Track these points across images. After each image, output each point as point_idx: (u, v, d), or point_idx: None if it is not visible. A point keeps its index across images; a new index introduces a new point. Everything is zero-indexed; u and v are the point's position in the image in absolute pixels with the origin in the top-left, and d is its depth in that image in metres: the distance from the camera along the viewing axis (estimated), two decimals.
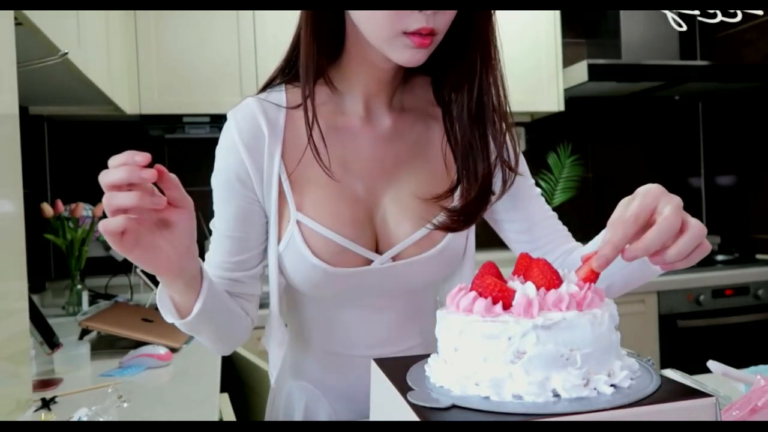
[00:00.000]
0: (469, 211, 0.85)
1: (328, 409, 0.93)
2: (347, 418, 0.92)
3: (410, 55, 0.75)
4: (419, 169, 0.88)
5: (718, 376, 0.83)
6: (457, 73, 0.85)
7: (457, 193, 0.87)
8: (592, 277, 0.60)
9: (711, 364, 0.81)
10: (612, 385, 0.55)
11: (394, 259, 0.85)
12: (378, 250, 0.86)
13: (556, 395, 0.53)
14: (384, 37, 0.74)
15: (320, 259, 0.82)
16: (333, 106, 0.86)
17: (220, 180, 0.85)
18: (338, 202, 0.84)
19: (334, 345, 0.92)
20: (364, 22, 0.75)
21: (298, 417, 0.93)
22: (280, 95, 0.86)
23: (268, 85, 0.89)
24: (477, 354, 0.56)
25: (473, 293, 0.58)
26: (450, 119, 0.88)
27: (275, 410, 0.98)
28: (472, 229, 0.92)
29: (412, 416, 0.53)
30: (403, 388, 0.58)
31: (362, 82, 0.85)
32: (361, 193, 0.86)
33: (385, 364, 0.67)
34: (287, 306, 0.94)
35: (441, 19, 0.74)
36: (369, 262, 0.85)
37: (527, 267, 0.62)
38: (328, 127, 0.84)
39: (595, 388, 0.54)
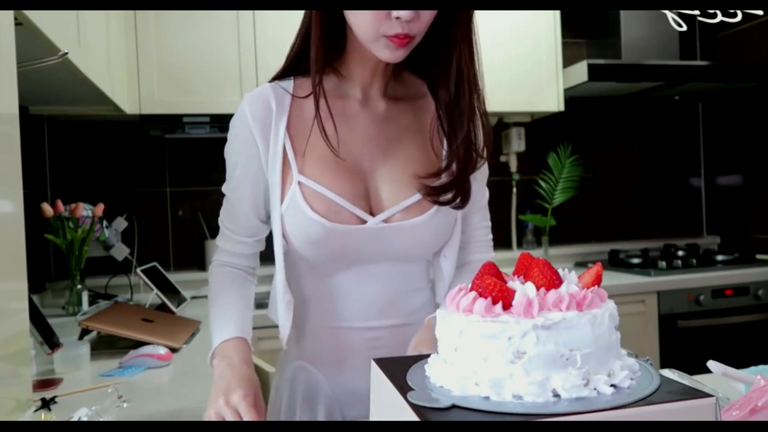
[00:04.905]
0: (454, 187, 0.95)
1: (328, 390, 0.98)
2: (343, 399, 0.98)
3: (390, 53, 0.88)
4: (410, 150, 0.99)
5: (718, 376, 0.83)
6: (441, 67, 0.96)
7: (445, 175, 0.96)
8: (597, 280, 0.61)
9: (711, 364, 0.81)
10: (612, 385, 0.55)
11: (386, 222, 0.94)
12: (372, 215, 0.94)
13: (556, 395, 0.53)
14: (369, 39, 0.88)
15: (319, 215, 0.91)
16: (336, 91, 0.98)
17: (232, 148, 0.98)
18: (336, 171, 0.94)
19: (329, 318, 0.98)
20: (354, 25, 0.89)
21: (299, 398, 0.99)
22: (289, 83, 0.99)
23: (278, 78, 1.00)
24: (477, 354, 0.56)
25: (473, 293, 0.58)
26: (439, 107, 0.99)
27: (280, 391, 1.02)
28: (459, 212, 0.99)
29: (412, 416, 0.53)
30: (403, 388, 0.58)
31: (360, 72, 0.98)
32: (357, 166, 0.96)
33: (385, 364, 0.67)
34: (286, 280, 0.99)
35: (416, 26, 0.86)
36: (363, 223, 0.93)
37: (527, 267, 0.62)
38: (331, 108, 0.94)
39: (595, 388, 0.54)
